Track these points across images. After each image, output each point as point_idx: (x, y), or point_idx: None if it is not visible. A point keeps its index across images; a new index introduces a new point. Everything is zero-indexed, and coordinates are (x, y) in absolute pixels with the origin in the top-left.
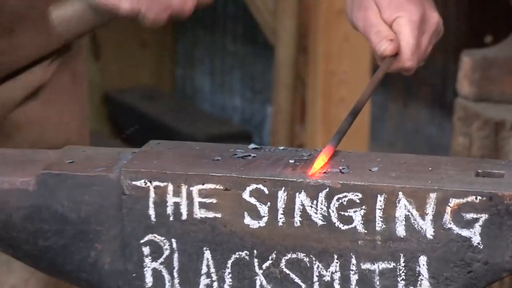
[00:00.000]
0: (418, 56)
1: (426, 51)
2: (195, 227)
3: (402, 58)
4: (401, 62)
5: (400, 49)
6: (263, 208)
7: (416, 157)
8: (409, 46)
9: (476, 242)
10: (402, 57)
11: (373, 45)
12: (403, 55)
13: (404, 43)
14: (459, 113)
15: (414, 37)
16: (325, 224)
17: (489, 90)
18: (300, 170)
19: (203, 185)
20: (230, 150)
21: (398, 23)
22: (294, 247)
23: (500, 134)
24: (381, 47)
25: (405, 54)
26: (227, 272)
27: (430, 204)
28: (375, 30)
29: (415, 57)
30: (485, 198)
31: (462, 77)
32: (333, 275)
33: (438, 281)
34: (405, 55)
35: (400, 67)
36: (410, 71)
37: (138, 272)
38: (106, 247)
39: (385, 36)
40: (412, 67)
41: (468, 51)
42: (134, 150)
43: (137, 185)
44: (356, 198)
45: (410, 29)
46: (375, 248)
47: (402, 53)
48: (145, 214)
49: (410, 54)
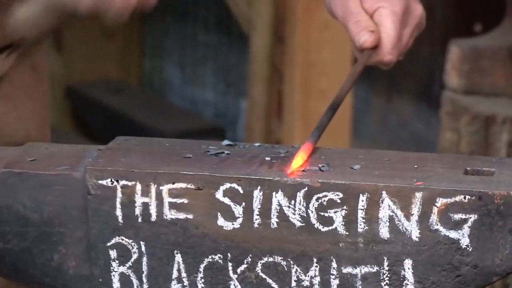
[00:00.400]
0: (399, 50)
1: (407, 44)
2: (165, 229)
3: (381, 52)
4: (380, 56)
5: (380, 41)
6: (238, 208)
7: (401, 154)
8: (389, 39)
9: (465, 244)
10: (382, 50)
11: (351, 36)
12: (383, 48)
13: (385, 35)
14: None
15: (395, 29)
16: (304, 225)
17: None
18: (277, 168)
19: (173, 184)
20: (202, 147)
21: (380, 13)
22: (270, 250)
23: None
24: (360, 38)
25: (385, 47)
26: (200, 276)
27: (415, 204)
28: (355, 20)
29: (395, 51)
30: (474, 197)
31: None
32: (312, 280)
33: (424, 286)
34: (385, 49)
35: (378, 61)
36: (389, 65)
37: (105, 277)
38: (71, 250)
39: (365, 26)
40: (392, 61)
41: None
42: (99, 147)
43: (103, 184)
44: (337, 197)
45: (392, 21)
46: (357, 251)
47: (382, 46)
48: (112, 215)
49: (390, 48)
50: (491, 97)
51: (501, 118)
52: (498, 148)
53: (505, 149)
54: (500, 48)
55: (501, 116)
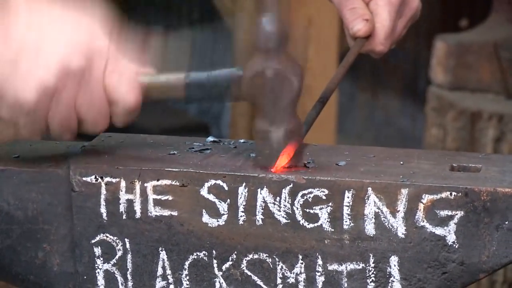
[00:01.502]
0: (391, 41)
1: (400, 35)
2: (150, 226)
3: (374, 41)
4: (372, 45)
5: (374, 31)
6: (223, 205)
7: (387, 150)
8: (384, 30)
9: (451, 241)
10: (375, 40)
11: (345, 23)
12: (376, 38)
13: (380, 25)
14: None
15: (390, 20)
16: (289, 222)
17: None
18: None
19: (158, 181)
20: (187, 144)
21: (376, 2)
22: (256, 247)
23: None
24: (354, 26)
25: (378, 37)
26: (184, 274)
27: (401, 201)
28: (351, 6)
29: (388, 42)
30: (460, 194)
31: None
32: (298, 277)
33: (410, 283)
34: (378, 39)
35: (370, 50)
36: (379, 55)
37: (89, 274)
38: (55, 248)
39: (360, 14)
40: (383, 52)
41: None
42: (84, 144)
43: (87, 181)
44: (322, 194)
45: (388, 11)
46: (343, 248)
47: (375, 35)
48: (96, 212)
49: (383, 38)
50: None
51: (487, 114)
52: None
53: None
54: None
55: (487, 112)
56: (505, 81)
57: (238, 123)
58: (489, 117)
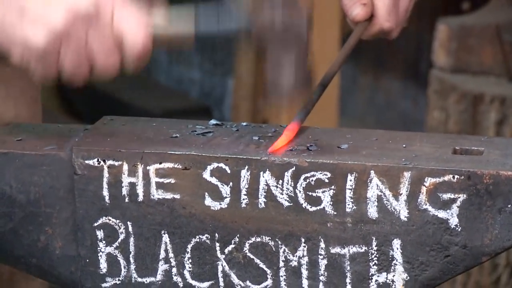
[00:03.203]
0: (396, 16)
1: (407, 10)
2: (152, 209)
3: (378, 21)
4: (377, 25)
5: (375, 11)
6: (225, 188)
7: (389, 133)
8: (384, 7)
9: (454, 224)
10: (378, 19)
11: (344, 9)
12: (379, 17)
13: (380, 4)
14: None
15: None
16: (292, 205)
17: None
18: (264, 147)
19: (160, 164)
20: (189, 127)
21: None
22: (258, 230)
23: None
24: (353, 11)
25: (381, 15)
26: (187, 257)
27: (404, 184)
28: None
29: (392, 17)
30: (463, 177)
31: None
32: (300, 260)
33: (413, 266)
34: (381, 17)
35: (377, 31)
36: (391, 35)
37: (92, 257)
38: (57, 231)
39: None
40: (391, 29)
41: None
42: (86, 127)
43: (89, 164)
44: (325, 177)
45: None
46: (345, 231)
47: (377, 14)
48: (99, 196)
49: (386, 15)
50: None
51: (489, 96)
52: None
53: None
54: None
55: (489, 94)
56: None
57: (240, 106)
58: (491, 100)
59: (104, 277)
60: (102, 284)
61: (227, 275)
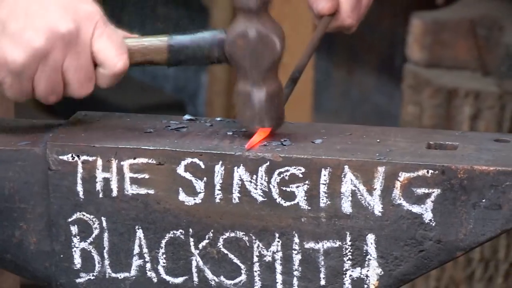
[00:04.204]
0: (359, 13)
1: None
2: (127, 205)
3: (341, 16)
4: (339, 20)
5: (339, 6)
6: (199, 183)
7: (363, 127)
8: (348, 3)
9: (428, 219)
10: (341, 14)
11: (309, 3)
12: (342, 12)
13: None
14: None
15: None
16: (266, 200)
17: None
18: (238, 142)
19: (134, 159)
20: (163, 122)
21: None
22: (232, 225)
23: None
24: (318, 5)
25: (344, 11)
26: (161, 252)
27: (378, 179)
28: None
29: (355, 14)
30: (437, 171)
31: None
32: (274, 255)
33: (387, 261)
34: (344, 13)
35: (339, 26)
36: (351, 29)
37: (66, 253)
38: (32, 226)
39: None
40: (352, 25)
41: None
42: (60, 122)
43: (64, 159)
44: (299, 172)
45: None
46: (320, 226)
47: (341, 10)
48: (73, 191)
49: (349, 11)
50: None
51: (463, 91)
52: (461, 122)
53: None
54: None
55: (464, 89)
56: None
57: (214, 101)
58: (466, 95)
59: (78, 272)
60: (76, 279)
61: (201, 270)
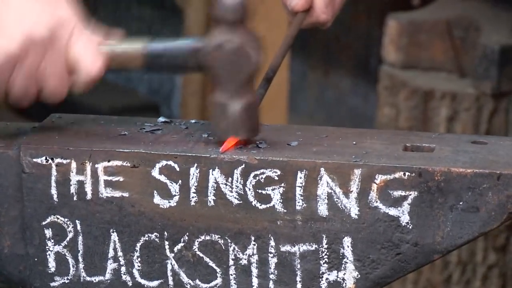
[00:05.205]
0: (333, 8)
1: (342, 3)
2: (101, 208)
3: (315, 12)
4: (314, 16)
5: (312, 2)
6: (174, 186)
7: (339, 130)
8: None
9: (405, 222)
10: (316, 11)
11: (283, 1)
12: (316, 8)
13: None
14: (385, 81)
15: None
16: (241, 203)
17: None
18: (213, 145)
19: (108, 162)
20: (138, 124)
21: None
22: (208, 228)
23: (429, 104)
24: (291, 2)
25: (318, 7)
26: (136, 255)
27: (354, 181)
28: None
29: (329, 10)
30: (414, 174)
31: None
32: (250, 258)
33: (364, 264)
34: (318, 9)
35: (314, 22)
36: (325, 25)
37: (40, 256)
38: (5, 229)
39: None
40: (327, 21)
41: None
42: (34, 125)
43: (37, 162)
44: (275, 175)
45: None
46: (296, 229)
47: (315, 6)
48: (47, 194)
49: (324, 7)
50: (429, 71)
51: (440, 92)
52: (437, 123)
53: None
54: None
55: (440, 90)
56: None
57: (189, 103)
58: (442, 96)
59: (53, 276)
60: (50, 283)
61: (176, 273)
